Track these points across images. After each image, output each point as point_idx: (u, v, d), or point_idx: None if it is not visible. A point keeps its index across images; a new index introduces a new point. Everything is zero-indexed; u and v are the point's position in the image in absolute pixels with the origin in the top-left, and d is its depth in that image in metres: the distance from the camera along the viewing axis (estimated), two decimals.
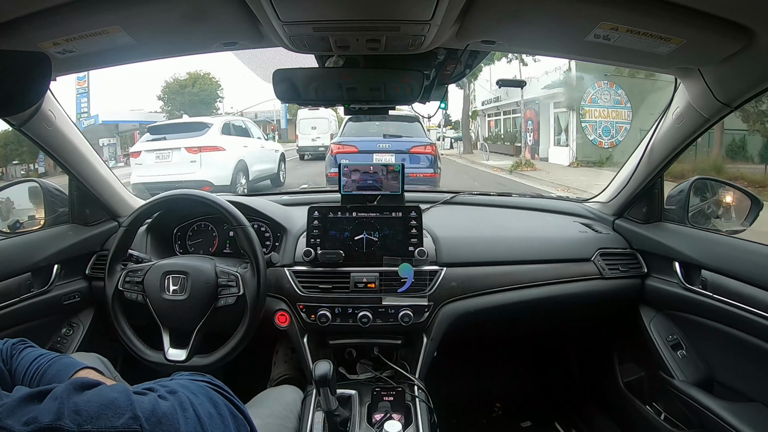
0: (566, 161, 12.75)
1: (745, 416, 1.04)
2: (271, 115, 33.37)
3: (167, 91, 20.12)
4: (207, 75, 20.85)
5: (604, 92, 11.96)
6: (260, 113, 34.37)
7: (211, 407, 0.55)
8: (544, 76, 13.82)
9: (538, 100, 14.18)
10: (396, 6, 0.80)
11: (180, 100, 19.97)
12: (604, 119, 11.99)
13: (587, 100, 12.06)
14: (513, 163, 12.72)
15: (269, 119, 33.70)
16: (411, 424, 1.06)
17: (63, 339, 1.36)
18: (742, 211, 1.27)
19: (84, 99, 15.38)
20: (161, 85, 20.50)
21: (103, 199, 1.44)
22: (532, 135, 14.21)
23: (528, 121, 14.61)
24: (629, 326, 1.42)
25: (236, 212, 1.16)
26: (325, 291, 1.23)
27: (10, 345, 0.73)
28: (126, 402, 0.45)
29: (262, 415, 0.99)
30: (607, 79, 11.72)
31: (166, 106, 20.15)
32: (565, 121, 13.44)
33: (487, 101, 19.46)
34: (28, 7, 0.79)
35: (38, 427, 0.41)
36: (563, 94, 13.20)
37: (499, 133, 19.37)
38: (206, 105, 20.76)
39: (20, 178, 5.42)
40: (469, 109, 18.40)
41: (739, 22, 0.79)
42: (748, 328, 1.06)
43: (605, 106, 12.02)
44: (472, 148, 18.21)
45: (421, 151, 5.86)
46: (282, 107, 30.54)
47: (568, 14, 0.82)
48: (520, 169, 12.06)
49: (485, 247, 1.36)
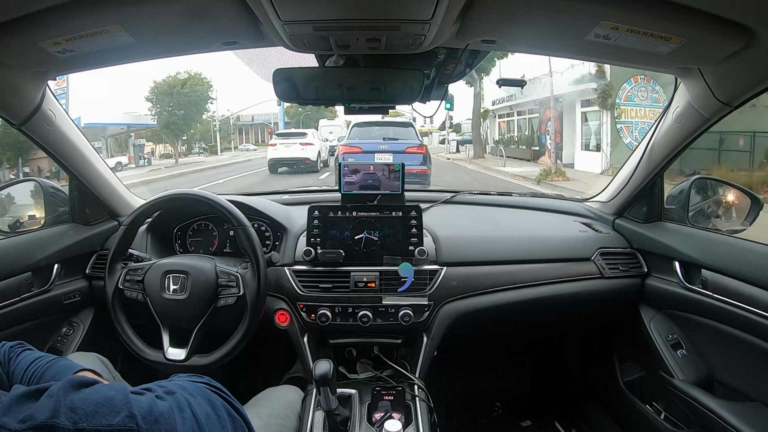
0: (598, 168, 10.91)
1: (745, 416, 1.04)
2: (268, 118, 33.35)
3: (156, 92, 19.52)
4: (198, 75, 20.28)
5: (641, 89, 10.28)
6: (257, 116, 34.30)
7: (209, 408, 0.55)
8: (569, 70, 11.74)
9: (561, 97, 12.08)
10: (396, 5, 0.80)
11: (169, 101, 19.47)
12: (640, 120, 10.21)
13: (623, 98, 10.21)
14: (541, 172, 10.81)
15: (266, 122, 33.59)
16: (411, 423, 1.06)
17: (63, 338, 1.36)
18: (742, 211, 1.27)
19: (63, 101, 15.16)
20: (150, 85, 19.89)
21: (104, 199, 1.44)
22: (553, 137, 12.04)
23: (548, 122, 12.63)
24: (629, 326, 1.42)
25: (237, 212, 1.16)
26: (325, 290, 1.23)
27: (8, 348, 0.73)
28: (123, 400, 0.45)
29: (262, 415, 0.99)
30: (644, 74, 9.94)
31: (154, 107, 19.68)
32: (596, 122, 11.58)
33: (498, 100, 17.69)
34: (28, 7, 0.79)
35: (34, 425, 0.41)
36: (596, 90, 11.01)
37: (512, 135, 17.42)
38: (196, 106, 20.28)
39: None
40: (480, 109, 17.02)
41: (739, 21, 0.79)
42: (748, 328, 1.06)
43: (642, 105, 10.30)
44: (483, 151, 16.67)
45: (414, 151, 7.15)
46: (280, 110, 30.70)
47: (569, 14, 0.82)
48: (549, 179, 10.15)
49: (485, 247, 1.36)
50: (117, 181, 1.49)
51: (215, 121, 25.06)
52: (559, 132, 12.40)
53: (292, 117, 33.02)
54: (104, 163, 1.43)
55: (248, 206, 1.33)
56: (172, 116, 19.38)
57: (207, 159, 22.54)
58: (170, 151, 22.46)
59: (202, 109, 21.19)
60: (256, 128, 36.70)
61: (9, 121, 1.12)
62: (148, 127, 20.35)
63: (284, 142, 12.01)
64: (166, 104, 19.48)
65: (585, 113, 12.18)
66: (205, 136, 26.72)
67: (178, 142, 21.72)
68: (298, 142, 11.75)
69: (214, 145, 26.85)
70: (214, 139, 26.96)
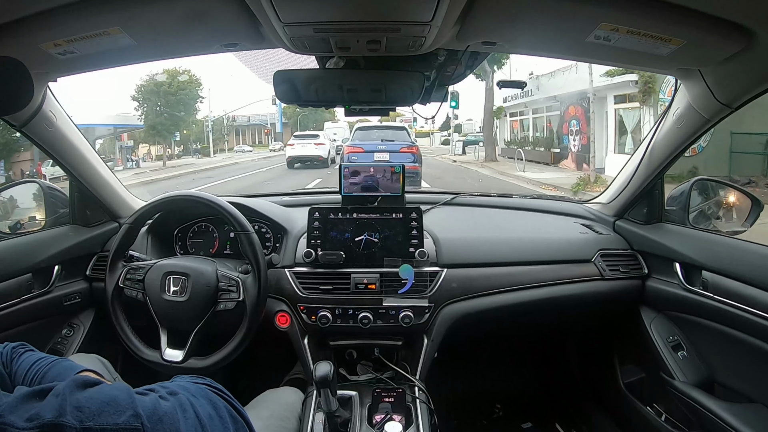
0: None
1: (745, 417, 1.04)
2: (265, 119, 33.24)
3: (142, 91, 18.77)
4: (187, 72, 19.50)
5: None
6: (253, 116, 34.13)
7: (211, 409, 0.55)
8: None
9: (589, 92, 10.40)
10: (396, 7, 0.80)
11: (155, 101, 18.75)
12: None
13: (666, 93, 8.47)
14: (578, 181, 9.25)
15: (263, 123, 33.40)
16: (411, 425, 1.06)
17: (63, 340, 1.36)
18: (743, 212, 1.27)
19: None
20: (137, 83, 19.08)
21: (104, 200, 1.44)
22: (578, 138, 10.87)
23: (571, 121, 11.38)
24: (630, 327, 1.42)
25: (239, 216, 1.16)
26: (325, 292, 1.23)
27: (10, 348, 0.73)
28: (127, 400, 0.46)
29: (263, 417, 0.99)
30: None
31: (141, 106, 18.97)
32: (632, 120, 10.03)
33: (511, 97, 16.11)
34: (28, 9, 0.80)
35: (41, 423, 0.41)
36: (636, 83, 9.56)
37: (525, 135, 15.81)
38: (185, 105, 19.62)
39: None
40: (492, 106, 15.50)
41: (739, 22, 0.79)
42: (749, 329, 1.05)
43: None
44: (495, 153, 15.14)
45: (407, 151, 8.65)
46: (277, 111, 30.59)
47: (569, 15, 0.82)
48: (587, 188, 8.70)
49: (486, 248, 1.36)
50: (117, 183, 1.49)
51: (207, 121, 24.33)
52: (586, 132, 10.89)
53: (289, 117, 32.84)
54: (105, 165, 1.43)
55: (249, 208, 1.33)
56: (159, 116, 18.67)
57: (198, 161, 21.85)
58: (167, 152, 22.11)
59: (191, 109, 20.50)
60: (252, 129, 36.49)
61: (10, 122, 1.12)
62: (136, 128, 19.70)
63: (300, 142, 14.28)
64: (154, 104, 18.88)
65: (619, 110, 10.58)
66: (200, 137, 26.15)
67: (167, 143, 21.14)
68: (313, 143, 13.96)
69: (207, 147, 26.23)
70: (207, 140, 26.31)
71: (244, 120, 34.82)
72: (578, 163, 10.74)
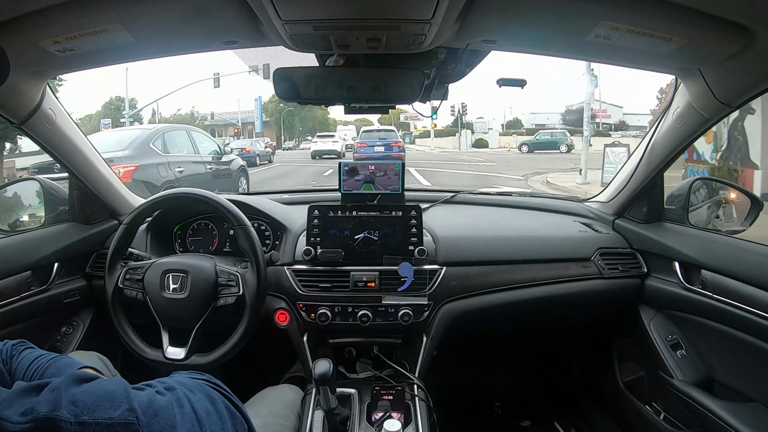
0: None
1: (744, 416, 1.04)
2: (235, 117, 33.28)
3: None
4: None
5: None
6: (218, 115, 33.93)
7: (208, 404, 0.55)
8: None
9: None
10: (396, 5, 0.80)
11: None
12: None
13: None
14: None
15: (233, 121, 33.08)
16: (410, 422, 1.06)
17: (63, 337, 1.36)
18: (742, 211, 1.27)
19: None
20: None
21: (104, 198, 1.44)
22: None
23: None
24: (629, 326, 1.42)
25: (237, 211, 1.16)
26: (324, 290, 1.23)
27: (9, 346, 0.73)
28: (123, 394, 0.46)
29: (262, 414, 0.99)
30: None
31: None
32: None
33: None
34: (28, 6, 0.79)
35: (35, 417, 0.41)
36: None
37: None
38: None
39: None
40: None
41: (739, 22, 0.79)
42: (748, 328, 1.06)
43: None
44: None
45: (395, 144, 12.96)
46: (256, 110, 31.64)
47: (569, 14, 0.82)
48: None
49: (485, 247, 1.36)
50: (117, 181, 1.49)
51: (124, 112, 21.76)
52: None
53: (270, 114, 33.04)
54: (105, 163, 1.43)
55: (248, 205, 1.33)
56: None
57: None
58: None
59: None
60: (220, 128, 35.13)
61: (9, 120, 1.12)
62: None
63: (321, 139, 19.71)
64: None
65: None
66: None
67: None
68: (330, 140, 19.43)
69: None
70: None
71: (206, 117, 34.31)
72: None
